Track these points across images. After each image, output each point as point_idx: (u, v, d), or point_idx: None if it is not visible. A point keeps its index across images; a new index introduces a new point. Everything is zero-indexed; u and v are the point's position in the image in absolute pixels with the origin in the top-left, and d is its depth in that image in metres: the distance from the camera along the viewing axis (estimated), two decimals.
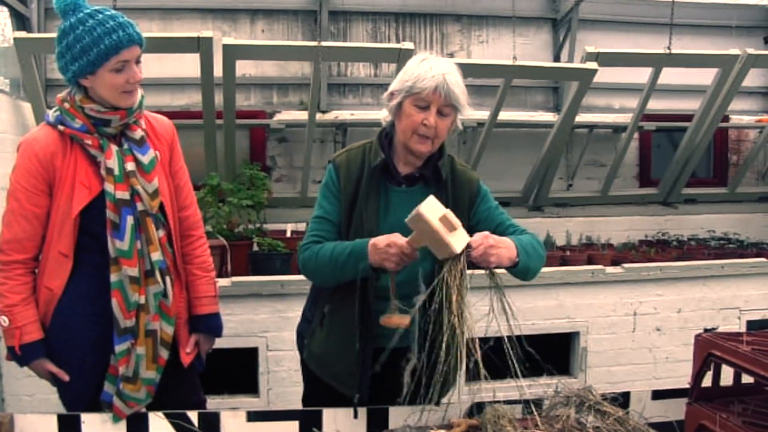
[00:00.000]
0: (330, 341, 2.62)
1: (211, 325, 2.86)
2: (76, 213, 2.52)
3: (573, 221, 6.58)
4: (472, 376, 2.35)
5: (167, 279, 2.66)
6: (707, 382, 2.56)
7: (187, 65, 5.46)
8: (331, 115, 6.15)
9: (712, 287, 5.29)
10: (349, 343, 2.56)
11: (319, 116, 5.95)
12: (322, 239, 2.55)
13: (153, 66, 5.63)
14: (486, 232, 2.40)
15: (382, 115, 2.65)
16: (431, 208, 2.30)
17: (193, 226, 2.83)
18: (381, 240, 2.38)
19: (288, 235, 5.31)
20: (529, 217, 6.41)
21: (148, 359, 2.64)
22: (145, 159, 2.61)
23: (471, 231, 2.47)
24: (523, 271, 2.49)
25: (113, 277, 2.54)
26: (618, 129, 6.70)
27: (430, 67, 2.50)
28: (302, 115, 5.92)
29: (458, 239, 2.31)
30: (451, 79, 2.49)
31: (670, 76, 6.12)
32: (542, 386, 2.66)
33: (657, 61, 5.75)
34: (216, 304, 2.87)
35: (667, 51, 5.64)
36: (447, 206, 2.47)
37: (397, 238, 2.37)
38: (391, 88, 2.58)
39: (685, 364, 4.98)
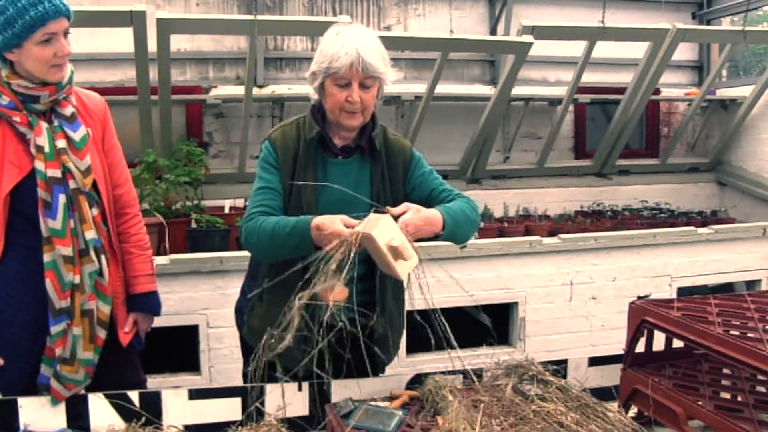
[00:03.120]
0: (270, 315, 2.58)
1: (149, 303, 2.82)
2: (6, 193, 2.45)
3: (510, 193, 6.63)
4: (413, 347, 2.38)
5: (102, 258, 2.61)
6: (641, 347, 2.62)
7: (121, 40, 5.35)
8: (268, 90, 6.08)
9: (645, 256, 5.40)
10: (287, 316, 2.54)
11: (256, 91, 5.88)
12: (268, 208, 2.52)
13: (85, 41, 5.50)
14: (412, 210, 2.38)
15: (311, 91, 2.63)
16: (385, 232, 2.24)
17: (127, 204, 2.78)
18: (325, 224, 2.32)
19: (226, 211, 5.26)
20: (467, 189, 6.43)
21: (85, 340, 2.59)
22: (77, 136, 2.55)
23: (406, 198, 2.58)
24: (450, 239, 2.51)
25: (46, 257, 2.49)
26: (554, 102, 6.76)
27: (343, 43, 2.47)
28: (239, 91, 5.84)
29: (406, 266, 2.26)
30: (365, 52, 2.47)
31: (603, 49, 6.19)
32: (482, 356, 2.68)
33: (591, 35, 5.81)
34: (153, 282, 2.84)
35: (601, 24, 5.70)
36: (383, 176, 2.59)
37: (342, 229, 2.29)
38: (311, 68, 2.57)
39: (620, 331, 5.07)
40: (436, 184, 2.72)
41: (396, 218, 2.32)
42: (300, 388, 2.55)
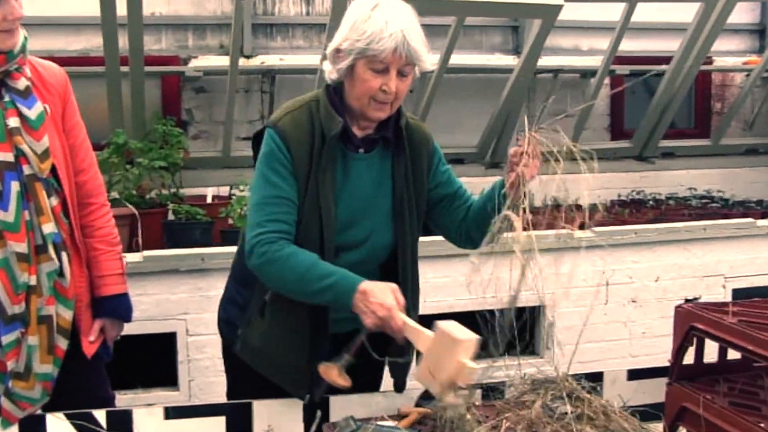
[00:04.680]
0: (274, 333, 2.57)
1: (118, 307, 2.81)
2: None
3: (537, 180, 6.59)
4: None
5: (63, 255, 2.59)
6: (689, 359, 2.60)
7: (85, 3, 5.31)
8: (256, 61, 6.06)
9: (694, 252, 5.36)
10: (298, 334, 2.55)
11: (242, 62, 5.86)
12: (285, 225, 2.46)
13: (42, 3, 5.48)
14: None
15: (326, 68, 2.57)
16: (469, 348, 2.24)
17: (93, 192, 2.76)
18: (375, 293, 2.33)
19: (209, 200, 5.24)
20: (486, 175, 6.41)
21: (42, 350, 2.57)
22: (32, 113, 2.52)
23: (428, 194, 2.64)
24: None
25: None
26: (586, 74, 6.73)
27: (386, 22, 2.40)
28: (223, 61, 5.82)
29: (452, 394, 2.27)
30: (411, 34, 2.43)
31: (645, 12, 6.15)
32: (503, 368, 2.67)
33: None
34: (124, 283, 2.83)
35: None
36: (406, 171, 2.60)
37: (393, 304, 2.32)
38: (336, 44, 2.48)
39: (664, 340, 5.05)
40: (458, 184, 2.78)
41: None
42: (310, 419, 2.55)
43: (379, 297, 2.32)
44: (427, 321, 2.48)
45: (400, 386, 2.74)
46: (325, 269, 2.40)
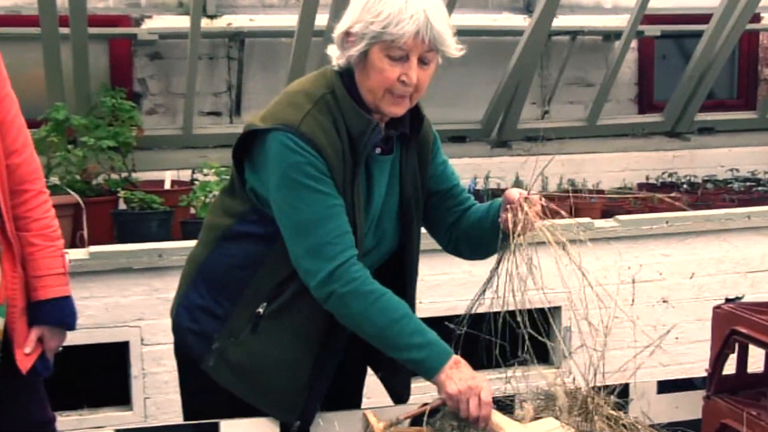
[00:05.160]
0: (270, 352, 2.57)
1: (60, 313, 2.79)
2: None
3: (550, 160, 6.59)
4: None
5: None
6: (730, 368, 2.60)
7: None
8: (222, 22, 6.05)
9: (736, 244, 5.37)
10: (302, 354, 2.56)
11: (205, 23, 5.84)
12: (351, 236, 2.47)
13: None
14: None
15: (332, 54, 2.54)
16: None
17: (27, 177, 2.74)
18: (470, 371, 2.42)
19: (167, 186, 5.23)
20: (492, 155, 6.42)
21: None
22: None
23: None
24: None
25: None
26: (610, 36, 6.72)
27: (405, 1, 2.38)
28: (182, 22, 5.79)
29: None
30: (435, 15, 2.41)
31: None
32: (513, 380, 2.68)
33: None
34: (66, 284, 2.82)
35: None
36: (414, 168, 2.65)
37: (489, 399, 2.40)
38: (345, 26, 2.46)
39: (700, 346, 5.06)
40: (456, 181, 2.79)
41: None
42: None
43: (476, 384, 2.39)
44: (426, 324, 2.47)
45: (400, 396, 2.78)
46: (418, 324, 2.44)
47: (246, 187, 2.57)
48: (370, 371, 2.88)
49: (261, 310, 2.56)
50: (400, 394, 2.80)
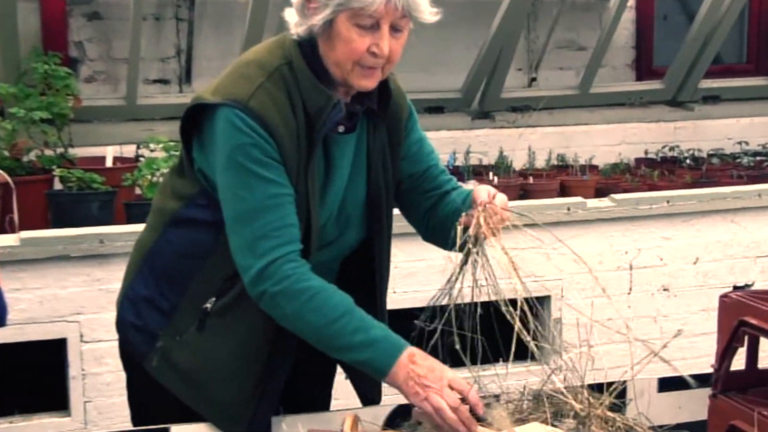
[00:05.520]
0: (216, 354, 2.57)
1: None
2: None
3: (538, 133, 6.62)
4: None
5: None
6: (739, 363, 2.61)
7: None
8: None
9: (745, 225, 5.41)
10: (251, 357, 2.55)
11: None
12: (296, 232, 2.43)
13: None
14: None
15: (290, 20, 2.51)
16: None
17: None
18: (428, 367, 2.36)
19: (108, 164, 5.21)
20: (473, 127, 6.42)
21: None
22: None
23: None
24: None
25: None
26: None
27: None
28: None
29: None
30: None
31: None
32: (498, 377, 2.69)
33: None
34: None
35: None
36: (384, 148, 2.63)
37: (457, 400, 2.34)
38: None
39: (705, 339, 5.09)
40: (434, 161, 2.75)
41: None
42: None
43: (434, 371, 2.35)
44: (397, 317, 2.47)
45: (370, 399, 2.78)
46: (362, 321, 2.40)
47: (194, 167, 2.55)
48: (339, 371, 2.89)
49: (208, 305, 2.55)
50: (369, 396, 2.79)
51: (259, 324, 2.51)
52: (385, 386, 2.82)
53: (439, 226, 2.67)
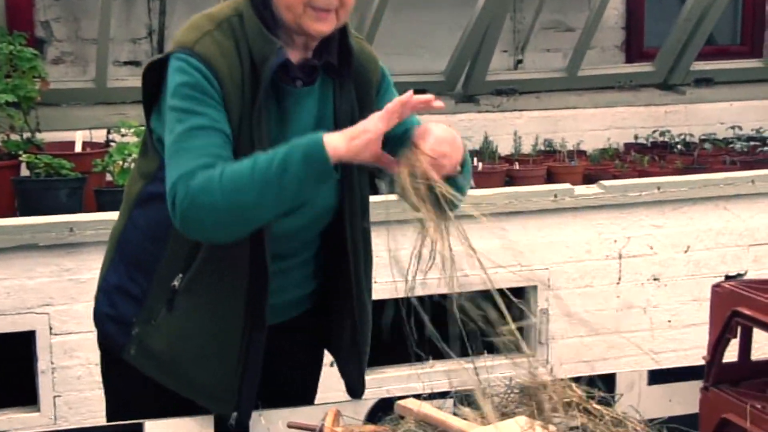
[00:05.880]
0: (189, 331, 2.58)
1: None
2: None
3: (524, 117, 6.63)
4: (376, 358, 2.39)
5: None
6: (731, 355, 2.63)
7: None
8: None
9: (738, 213, 5.44)
10: (225, 331, 2.55)
11: None
12: (217, 159, 2.40)
13: None
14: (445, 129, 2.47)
15: None
16: None
17: None
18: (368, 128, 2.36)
19: (78, 149, 5.19)
20: (457, 111, 6.42)
21: None
22: None
23: None
24: (461, 187, 2.52)
25: None
26: None
27: None
28: None
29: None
30: None
31: None
32: (482, 370, 2.69)
33: None
34: None
35: None
36: (352, 107, 2.63)
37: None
38: None
39: (697, 330, 5.12)
40: (410, 123, 2.70)
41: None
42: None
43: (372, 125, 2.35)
44: (382, 308, 2.48)
45: (355, 389, 2.79)
46: (269, 154, 2.36)
47: (154, 137, 2.57)
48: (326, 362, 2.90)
49: (176, 283, 2.56)
50: (353, 387, 2.81)
51: (227, 295, 2.52)
52: (369, 378, 2.84)
53: None
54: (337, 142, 2.32)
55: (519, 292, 5.20)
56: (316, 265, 2.71)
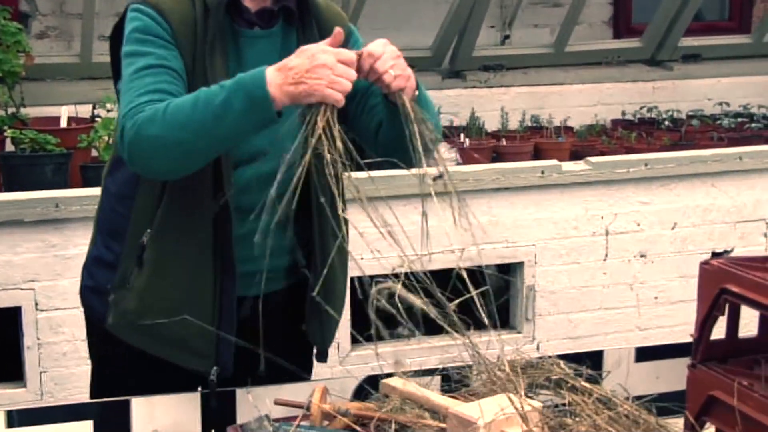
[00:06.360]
0: (159, 286, 2.57)
1: None
2: None
3: (511, 93, 6.63)
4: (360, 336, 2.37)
5: None
6: (719, 332, 2.63)
7: None
8: None
9: (725, 189, 5.45)
10: (196, 280, 2.56)
11: None
12: (166, 95, 2.42)
13: None
14: (384, 41, 2.43)
15: None
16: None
17: None
18: (294, 59, 2.30)
19: (63, 124, 5.18)
20: (443, 87, 6.41)
21: None
22: None
23: None
24: (424, 105, 2.53)
25: None
26: None
27: None
28: None
29: None
30: None
31: None
32: (468, 347, 2.68)
33: None
34: None
35: None
36: None
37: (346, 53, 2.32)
38: None
39: (684, 307, 5.13)
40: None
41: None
42: (208, 401, 2.57)
43: (303, 56, 2.29)
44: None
45: (319, 353, 2.82)
46: (213, 88, 2.35)
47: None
48: None
49: (144, 239, 2.56)
50: (318, 350, 2.83)
51: (193, 244, 2.52)
52: (355, 354, 2.84)
53: (393, 143, 2.54)
54: (280, 87, 2.29)
55: (505, 268, 5.20)
56: (291, 240, 2.61)
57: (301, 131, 2.25)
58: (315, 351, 2.84)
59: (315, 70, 2.26)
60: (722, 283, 2.53)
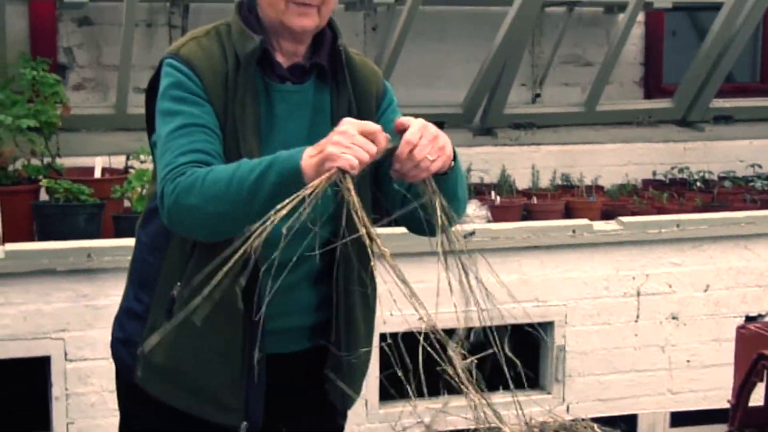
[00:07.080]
0: (189, 340, 2.55)
1: None
2: None
3: (542, 151, 6.62)
4: (387, 392, 2.34)
5: None
6: (758, 399, 2.61)
7: None
8: None
9: (759, 252, 5.41)
10: (223, 342, 2.55)
11: None
12: (205, 155, 2.44)
13: None
14: (421, 121, 2.39)
15: None
16: None
17: None
18: (328, 140, 2.28)
19: (97, 175, 5.21)
20: (474, 144, 6.42)
21: None
22: None
23: None
24: (453, 187, 2.50)
25: None
26: (613, 7, 6.73)
27: None
28: None
29: None
30: None
31: None
32: (498, 407, 2.66)
33: None
34: None
35: None
36: (350, 111, 2.59)
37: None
38: None
39: (719, 372, 5.06)
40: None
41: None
42: None
43: (335, 136, 2.27)
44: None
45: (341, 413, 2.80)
46: (255, 160, 2.37)
47: (155, 153, 2.60)
48: None
49: (174, 292, 2.54)
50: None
51: (223, 300, 2.50)
52: (382, 412, 2.81)
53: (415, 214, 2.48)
54: (311, 162, 2.28)
55: (535, 327, 5.17)
56: (318, 298, 2.66)
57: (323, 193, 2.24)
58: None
59: (334, 137, 2.26)
60: (760, 349, 2.51)
